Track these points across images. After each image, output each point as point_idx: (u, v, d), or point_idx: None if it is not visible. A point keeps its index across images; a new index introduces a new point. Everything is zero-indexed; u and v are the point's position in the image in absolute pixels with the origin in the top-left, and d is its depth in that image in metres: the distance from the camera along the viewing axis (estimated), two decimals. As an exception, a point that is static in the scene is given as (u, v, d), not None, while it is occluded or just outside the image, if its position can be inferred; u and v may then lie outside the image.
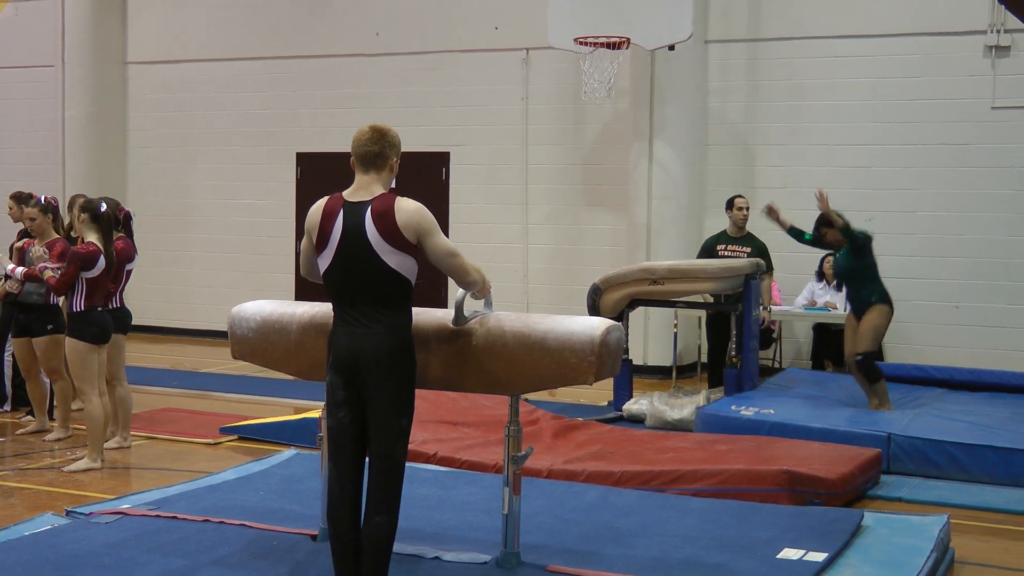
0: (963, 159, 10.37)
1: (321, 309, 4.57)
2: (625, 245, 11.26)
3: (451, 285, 11.89)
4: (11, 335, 7.99)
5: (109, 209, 7.04)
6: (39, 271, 7.15)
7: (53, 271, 6.96)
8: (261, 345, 4.70)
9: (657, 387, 9.62)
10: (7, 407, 8.60)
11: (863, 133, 10.74)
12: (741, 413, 7.52)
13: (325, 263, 4.05)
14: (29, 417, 8.19)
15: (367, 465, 4.10)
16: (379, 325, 3.99)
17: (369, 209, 3.97)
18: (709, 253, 9.44)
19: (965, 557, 5.33)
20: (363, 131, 4.08)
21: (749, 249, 9.30)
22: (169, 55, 13.54)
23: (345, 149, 4.21)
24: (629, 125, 11.15)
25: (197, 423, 8.24)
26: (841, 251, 8.15)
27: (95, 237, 6.86)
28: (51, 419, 7.96)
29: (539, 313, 4.98)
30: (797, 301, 10.51)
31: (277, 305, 4.75)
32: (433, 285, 11.46)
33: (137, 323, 8.44)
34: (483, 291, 4.30)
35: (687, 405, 8.17)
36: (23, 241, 7.96)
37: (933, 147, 10.52)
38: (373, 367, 3.97)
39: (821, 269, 10.45)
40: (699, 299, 9.34)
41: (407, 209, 3.98)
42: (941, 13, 10.46)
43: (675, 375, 10.21)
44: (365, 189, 4.05)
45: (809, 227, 8.25)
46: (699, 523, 5.20)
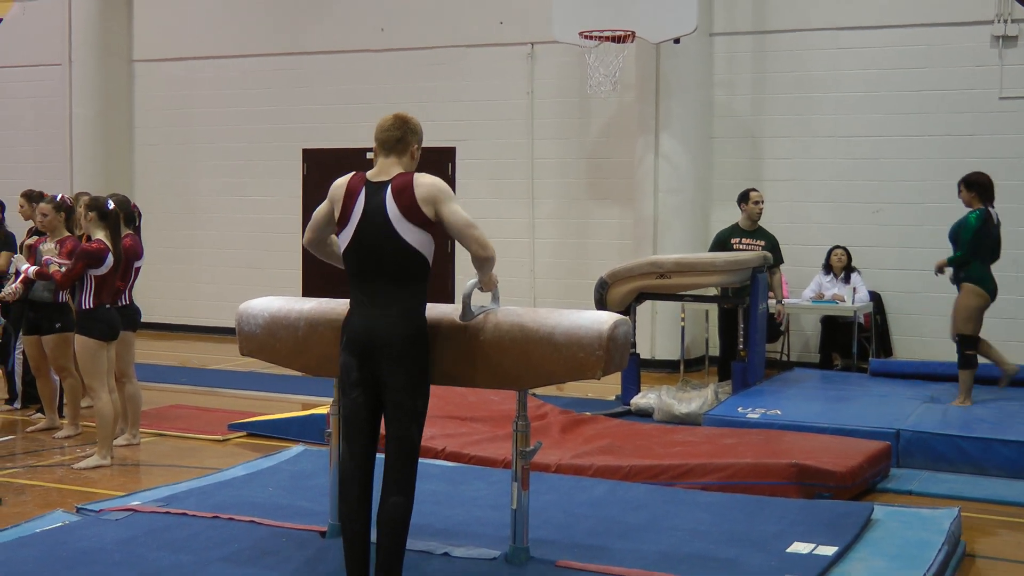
0: (970, 150, 10.31)
1: (329, 305, 4.58)
2: (632, 239, 11.24)
3: (458, 279, 11.91)
4: (22, 332, 8.02)
5: (119, 205, 7.05)
6: (44, 264, 7.16)
7: (59, 265, 6.97)
8: (269, 341, 4.71)
9: (665, 381, 9.61)
10: (17, 404, 8.63)
11: (870, 125, 10.71)
12: (747, 416, 7.49)
13: (345, 241, 4.12)
14: (39, 415, 8.21)
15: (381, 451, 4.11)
16: (394, 308, 4.04)
17: (389, 187, 4.05)
18: (723, 246, 9.38)
19: (976, 550, 5.32)
20: (386, 118, 4.19)
21: (763, 243, 9.28)
22: (175, 52, 13.55)
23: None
24: (635, 119, 11.13)
25: (205, 420, 8.26)
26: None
27: (103, 235, 6.86)
28: (61, 416, 7.99)
29: (546, 308, 4.98)
30: (804, 294, 10.47)
31: (285, 301, 4.75)
32: (440, 278, 11.44)
33: (145, 320, 8.46)
34: (490, 285, 4.32)
35: (695, 399, 8.16)
36: (34, 239, 7.98)
37: (940, 138, 10.48)
38: (386, 349, 4.02)
39: (828, 262, 10.41)
40: (713, 291, 9.29)
41: (425, 183, 4.06)
42: (948, 3, 10.41)
43: (683, 369, 10.20)
44: (386, 172, 4.12)
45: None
46: (708, 517, 5.19)
